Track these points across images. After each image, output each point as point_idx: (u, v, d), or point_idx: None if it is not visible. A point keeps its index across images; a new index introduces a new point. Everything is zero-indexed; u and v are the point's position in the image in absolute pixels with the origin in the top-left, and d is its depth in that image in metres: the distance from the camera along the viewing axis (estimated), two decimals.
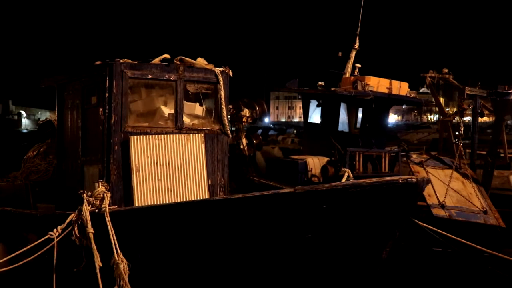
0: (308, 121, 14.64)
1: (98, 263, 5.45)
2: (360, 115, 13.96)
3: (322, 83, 13.96)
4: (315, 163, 11.91)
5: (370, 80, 13.22)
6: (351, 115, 13.68)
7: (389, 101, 14.13)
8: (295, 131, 53.10)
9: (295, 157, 12.36)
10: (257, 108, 10.22)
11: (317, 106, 14.48)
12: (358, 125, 13.88)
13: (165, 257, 5.98)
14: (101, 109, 7.37)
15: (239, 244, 5.45)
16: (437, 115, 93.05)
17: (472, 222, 9.23)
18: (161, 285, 6.16)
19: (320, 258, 5.23)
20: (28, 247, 5.64)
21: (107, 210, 5.74)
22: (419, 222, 6.61)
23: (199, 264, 5.79)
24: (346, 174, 8.84)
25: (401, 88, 14.10)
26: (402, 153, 12.31)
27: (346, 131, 13.63)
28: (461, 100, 11.05)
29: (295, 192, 4.95)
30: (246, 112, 10.06)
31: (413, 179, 4.66)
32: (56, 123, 9.21)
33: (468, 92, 11.17)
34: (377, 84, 13.38)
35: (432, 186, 9.34)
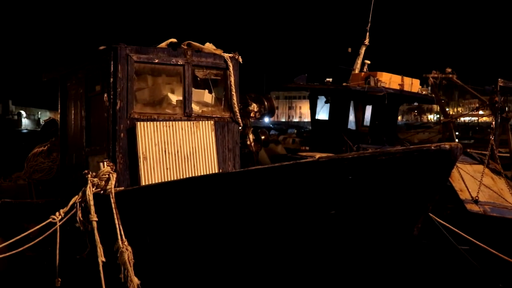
0: (316, 118, 14.34)
1: (101, 258, 5.12)
2: (367, 112, 13.67)
3: (330, 79, 13.70)
4: None
5: (382, 76, 13.02)
6: (358, 112, 13.41)
7: (401, 97, 13.87)
8: (295, 130, 52.84)
9: (304, 154, 12.06)
10: (266, 103, 9.83)
11: (326, 102, 14.21)
12: (365, 123, 13.60)
13: (178, 241, 5.58)
14: (105, 95, 7.01)
15: (259, 223, 5.05)
16: (437, 115, 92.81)
17: (506, 218, 8.87)
18: (173, 272, 5.77)
19: (345, 237, 4.84)
20: (28, 232, 5.27)
21: (113, 191, 5.37)
22: (433, 216, 6.26)
23: (216, 246, 5.40)
24: None
25: (413, 84, 13.86)
26: None
27: (353, 129, 13.35)
28: (495, 93, 10.62)
29: (318, 161, 4.54)
30: (254, 107, 9.68)
31: (447, 146, 4.23)
32: (59, 115, 8.88)
33: (502, 84, 10.76)
34: (389, 80, 13.16)
35: (464, 181, 8.99)
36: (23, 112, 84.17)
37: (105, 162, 5.67)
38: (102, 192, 5.53)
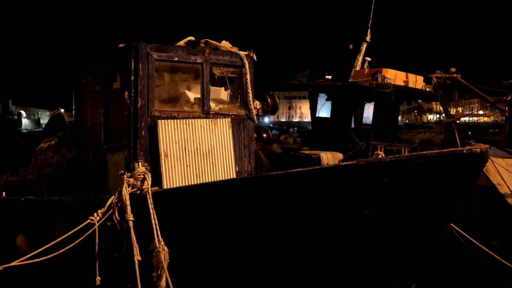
0: (316, 115, 14.26)
1: (137, 257, 5.18)
2: (366, 110, 13.62)
3: (330, 76, 13.66)
4: (328, 158, 11.60)
5: (388, 72, 12.98)
6: (358, 110, 13.39)
7: (407, 94, 13.86)
8: (296, 128, 52.92)
9: (307, 152, 12.05)
10: (269, 100, 9.85)
11: (327, 100, 14.14)
12: (364, 120, 13.56)
13: (214, 242, 5.64)
14: (126, 93, 7.09)
15: (298, 224, 5.16)
16: (437, 115, 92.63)
17: None
18: (206, 272, 5.83)
19: (378, 236, 4.97)
20: (68, 234, 5.30)
21: (150, 191, 5.42)
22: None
23: (251, 249, 5.46)
24: (380, 157, 8.50)
25: (417, 81, 13.88)
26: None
27: (352, 126, 13.30)
28: None
29: (358, 164, 4.73)
30: (256, 104, 9.71)
31: (477, 149, 4.49)
32: (73, 112, 8.90)
33: None
34: (395, 76, 13.15)
35: (500, 175, 9.02)
36: (23, 112, 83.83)
37: (140, 163, 5.73)
38: (138, 192, 5.59)
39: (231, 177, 7.36)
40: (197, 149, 7.18)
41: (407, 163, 4.60)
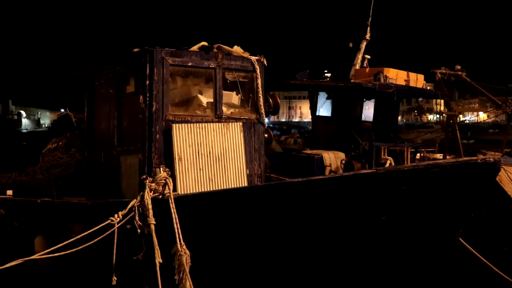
0: (316, 114, 14.28)
1: (158, 259, 5.32)
2: (366, 108, 13.66)
3: (329, 74, 13.69)
4: (331, 158, 11.68)
5: (389, 72, 13.00)
6: (358, 108, 13.40)
7: (409, 93, 13.90)
8: (296, 129, 53.03)
9: (309, 151, 12.12)
10: (270, 101, 9.94)
11: (327, 98, 14.16)
12: (364, 118, 13.53)
13: (233, 245, 5.78)
14: (141, 97, 7.22)
15: (316, 230, 5.31)
16: (438, 115, 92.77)
17: None
18: (225, 275, 5.97)
19: (393, 241, 5.13)
20: (87, 233, 5.44)
21: (172, 196, 5.56)
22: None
23: (270, 253, 5.60)
24: (388, 161, 8.71)
25: (418, 80, 13.94)
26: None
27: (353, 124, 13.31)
28: None
29: (377, 173, 4.90)
30: None
31: (491, 159, 4.67)
32: (85, 114, 9.01)
33: None
34: (396, 76, 13.18)
35: None
36: (23, 112, 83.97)
37: (161, 168, 5.88)
38: (160, 197, 5.73)
39: (243, 180, 7.50)
40: (210, 152, 7.31)
41: (424, 171, 4.77)
